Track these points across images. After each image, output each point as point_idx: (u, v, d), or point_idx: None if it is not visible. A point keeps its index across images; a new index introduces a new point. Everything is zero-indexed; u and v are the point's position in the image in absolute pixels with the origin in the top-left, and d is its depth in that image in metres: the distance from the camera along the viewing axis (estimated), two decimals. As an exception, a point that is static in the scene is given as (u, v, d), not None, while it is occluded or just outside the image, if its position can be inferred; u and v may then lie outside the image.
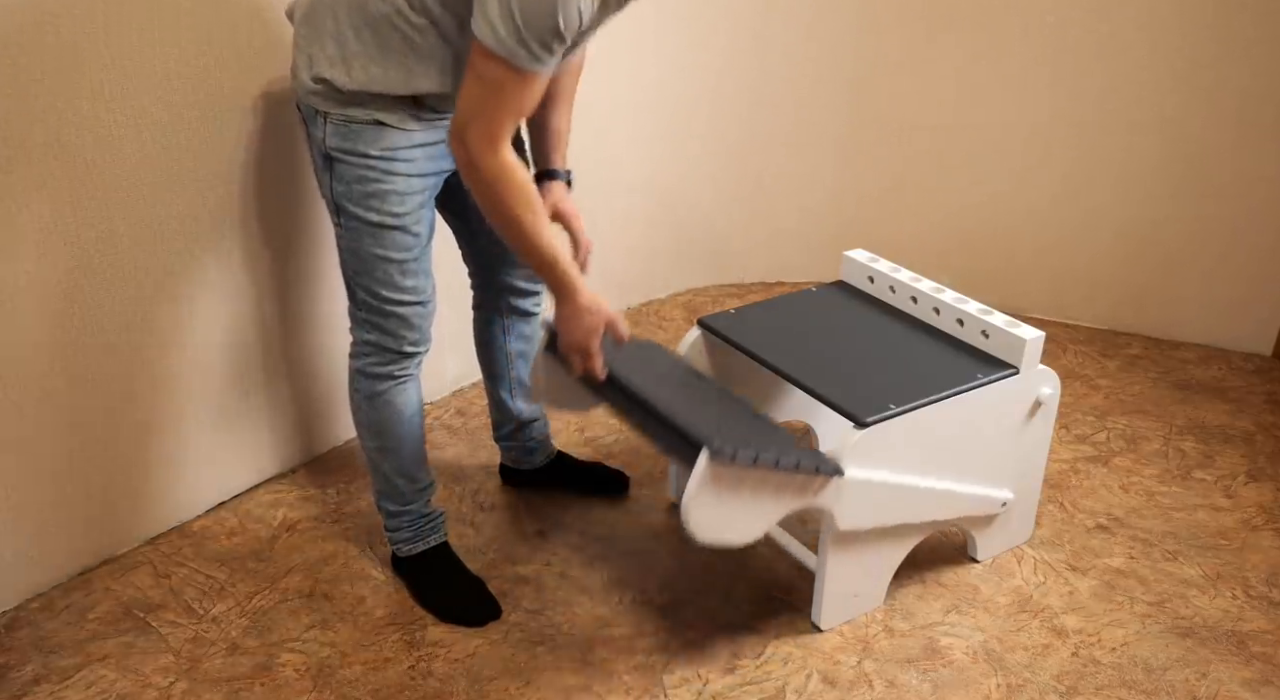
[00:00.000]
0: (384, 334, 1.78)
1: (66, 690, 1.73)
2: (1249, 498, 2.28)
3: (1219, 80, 2.68)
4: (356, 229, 1.69)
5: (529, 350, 2.08)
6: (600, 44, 2.74)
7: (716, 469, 1.58)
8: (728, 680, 1.79)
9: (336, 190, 1.69)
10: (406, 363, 1.82)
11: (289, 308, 2.17)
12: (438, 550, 1.97)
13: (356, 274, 1.74)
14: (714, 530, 1.65)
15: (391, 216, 1.68)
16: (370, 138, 1.64)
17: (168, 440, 2.04)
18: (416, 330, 1.79)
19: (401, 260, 1.72)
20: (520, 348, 2.07)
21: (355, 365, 1.83)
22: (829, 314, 2.08)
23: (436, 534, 1.97)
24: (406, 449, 1.88)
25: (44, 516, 1.89)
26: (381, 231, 1.69)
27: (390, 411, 1.83)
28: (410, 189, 1.68)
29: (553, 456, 2.23)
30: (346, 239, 1.72)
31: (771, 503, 1.67)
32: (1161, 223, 2.85)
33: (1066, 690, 1.77)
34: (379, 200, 1.67)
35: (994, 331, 1.90)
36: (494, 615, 1.90)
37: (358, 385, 1.83)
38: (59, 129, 1.71)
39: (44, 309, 1.78)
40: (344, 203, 1.68)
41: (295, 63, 1.67)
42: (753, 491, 1.64)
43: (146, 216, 1.87)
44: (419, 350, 1.82)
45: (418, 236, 1.73)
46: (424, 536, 1.95)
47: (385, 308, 1.75)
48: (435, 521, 1.97)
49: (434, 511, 1.97)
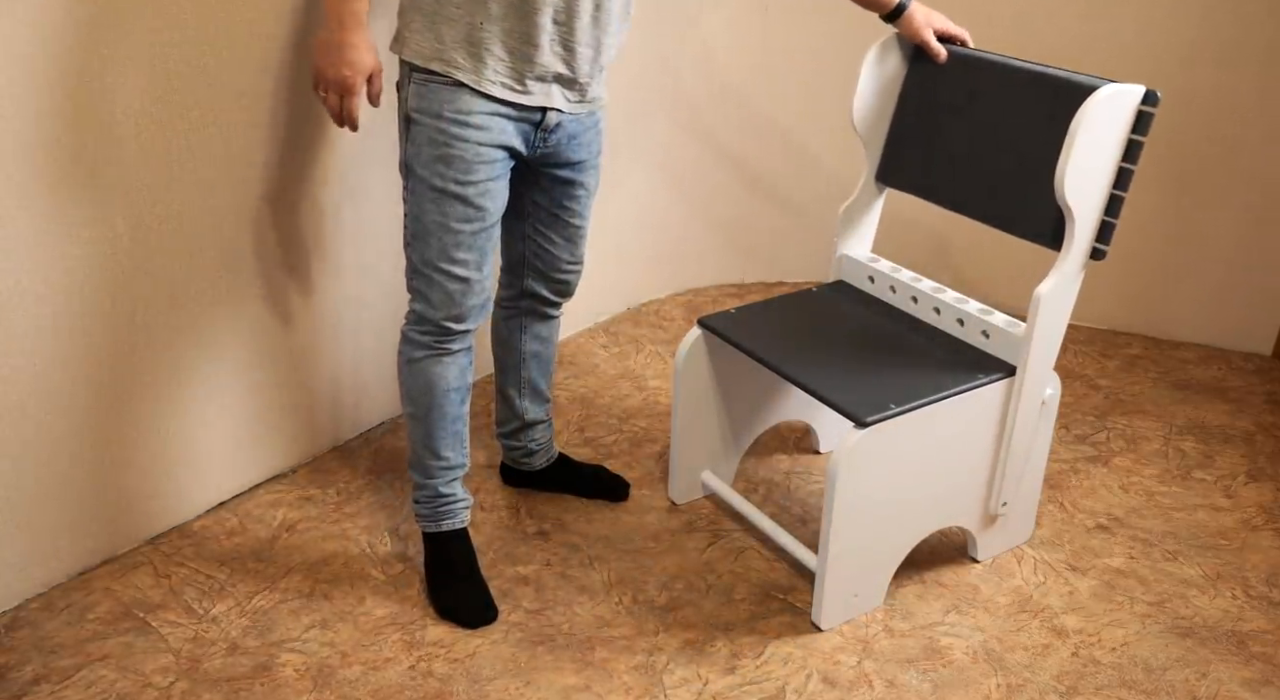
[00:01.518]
0: (427, 303, 1.79)
1: (66, 690, 1.73)
2: (1249, 498, 2.28)
3: (1219, 79, 2.68)
4: (420, 193, 1.71)
5: (543, 352, 2.11)
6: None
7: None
8: (728, 680, 1.79)
9: (409, 152, 1.71)
10: (445, 338, 1.82)
11: (288, 307, 2.17)
12: (452, 537, 1.95)
13: (414, 238, 1.75)
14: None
15: (455, 183, 1.69)
16: (446, 97, 1.66)
17: (167, 440, 2.04)
18: (458, 306, 1.79)
19: (458, 231, 1.73)
20: (535, 348, 2.10)
21: (403, 328, 1.86)
22: (829, 314, 2.08)
23: (452, 520, 1.95)
24: (435, 423, 1.88)
25: (44, 516, 1.89)
26: (444, 198, 1.70)
27: (423, 381, 1.85)
28: (479, 158, 1.69)
29: (554, 459, 2.23)
30: (410, 203, 1.74)
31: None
32: (1161, 223, 2.85)
33: (1066, 690, 1.77)
34: (445, 165, 1.68)
35: (994, 331, 1.90)
36: (487, 620, 1.89)
37: (401, 347, 1.86)
38: (60, 129, 1.71)
39: (44, 309, 1.78)
40: (413, 164, 1.71)
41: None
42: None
43: (146, 217, 1.87)
44: (458, 328, 1.81)
45: (480, 210, 1.73)
46: (439, 519, 1.94)
47: (433, 277, 1.76)
48: (453, 505, 1.94)
49: (454, 494, 1.94)
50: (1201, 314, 2.90)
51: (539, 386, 2.14)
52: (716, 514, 2.20)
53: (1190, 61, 2.68)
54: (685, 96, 2.89)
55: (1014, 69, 1.88)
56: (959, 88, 1.96)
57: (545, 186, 1.90)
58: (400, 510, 2.18)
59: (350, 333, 2.32)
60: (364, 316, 2.33)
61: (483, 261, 1.78)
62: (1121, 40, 2.70)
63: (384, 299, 2.35)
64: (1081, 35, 2.73)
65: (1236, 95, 2.67)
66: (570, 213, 1.93)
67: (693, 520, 2.18)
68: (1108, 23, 2.70)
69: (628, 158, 2.82)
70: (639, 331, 2.93)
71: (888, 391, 1.80)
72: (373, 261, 2.30)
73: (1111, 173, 1.75)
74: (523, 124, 1.73)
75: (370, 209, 2.25)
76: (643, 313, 3.03)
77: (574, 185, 1.90)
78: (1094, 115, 1.67)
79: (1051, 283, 1.79)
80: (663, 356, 2.80)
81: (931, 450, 1.84)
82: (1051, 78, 1.81)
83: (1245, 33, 2.62)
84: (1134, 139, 1.73)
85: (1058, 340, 1.86)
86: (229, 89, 1.90)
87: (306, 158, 2.09)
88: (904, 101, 2.07)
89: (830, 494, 1.77)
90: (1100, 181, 1.74)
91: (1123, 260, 2.90)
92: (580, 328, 2.92)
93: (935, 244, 3.07)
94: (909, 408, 1.76)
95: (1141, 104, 1.71)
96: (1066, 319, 1.85)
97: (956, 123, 1.97)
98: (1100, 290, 2.94)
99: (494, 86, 1.67)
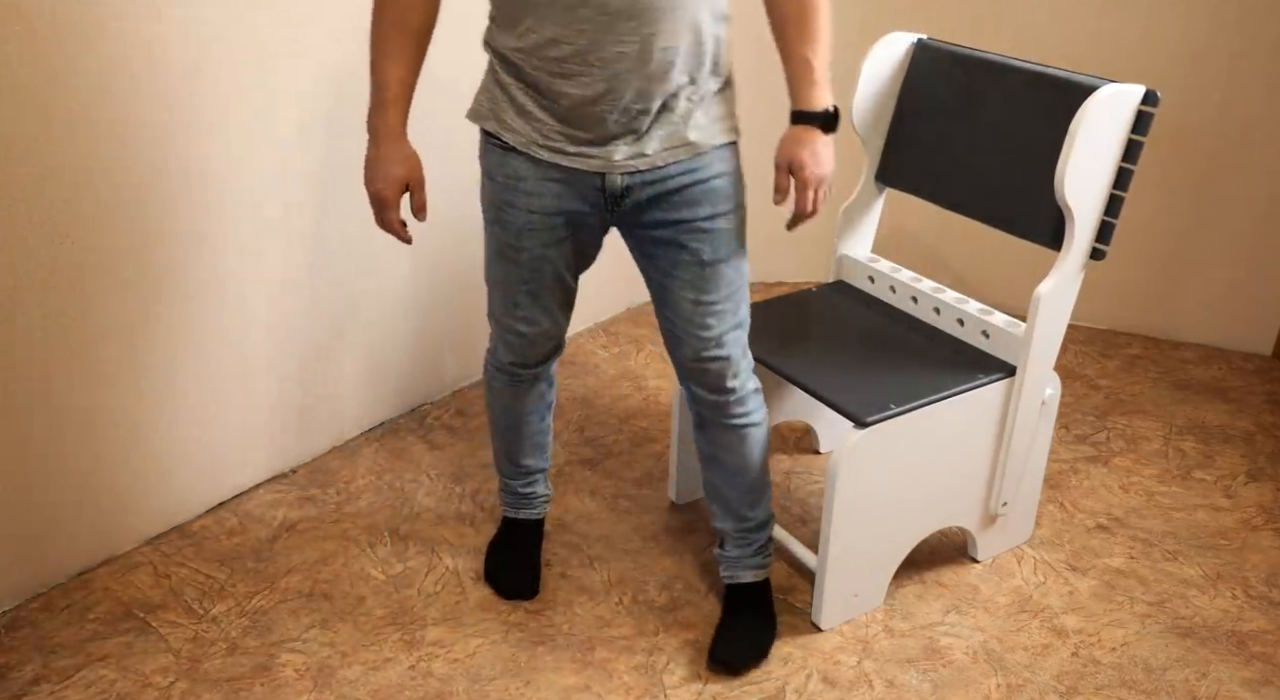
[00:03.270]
0: (499, 346, 1.79)
1: (66, 690, 1.73)
2: (1249, 498, 2.28)
3: (1219, 78, 2.68)
4: (487, 247, 1.70)
5: (720, 458, 1.78)
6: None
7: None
8: (728, 680, 1.78)
9: (481, 206, 1.68)
10: (518, 375, 1.82)
11: (288, 307, 2.17)
12: (524, 523, 2.03)
13: (486, 283, 1.74)
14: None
15: (509, 247, 1.63)
16: (497, 160, 1.58)
17: (167, 440, 2.04)
18: (522, 356, 1.77)
19: (518, 289, 1.67)
20: (708, 452, 1.79)
21: (486, 352, 1.87)
22: (829, 314, 2.08)
23: (530, 511, 2.02)
24: (515, 438, 1.92)
25: (44, 516, 1.89)
26: (501, 258, 1.66)
27: (503, 403, 1.88)
28: (529, 225, 1.59)
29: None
30: (485, 251, 1.73)
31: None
32: (1161, 223, 2.85)
33: (1066, 690, 1.77)
34: (500, 227, 1.63)
35: (994, 331, 1.90)
36: (520, 594, 1.95)
37: (484, 368, 1.88)
38: (59, 129, 1.71)
39: (44, 308, 1.78)
40: (484, 218, 1.68)
41: None
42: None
43: (145, 218, 1.87)
44: (518, 372, 1.81)
45: (537, 272, 1.64)
46: (519, 509, 2.02)
47: (498, 327, 1.76)
48: (532, 501, 2.01)
49: (533, 493, 2.01)
50: (1201, 314, 2.90)
51: (723, 497, 1.83)
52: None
53: (1192, 62, 2.67)
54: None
55: (1014, 69, 1.88)
56: (959, 88, 1.96)
57: (649, 252, 1.64)
58: (400, 510, 2.18)
59: (350, 333, 2.32)
60: (364, 317, 2.33)
61: (547, 313, 1.70)
62: (1123, 40, 2.70)
63: (384, 299, 2.35)
64: (1084, 35, 2.73)
65: (1238, 95, 2.67)
66: (681, 283, 1.61)
67: (693, 520, 2.18)
68: (1110, 22, 2.70)
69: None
70: (639, 331, 2.93)
71: (888, 391, 1.80)
72: (372, 264, 2.30)
73: (1111, 173, 1.75)
74: (584, 188, 1.55)
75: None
76: (643, 313, 3.03)
77: (679, 250, 1.59)
78: (1094, 115, 1.67)
79: (1051, 283, 1.79)
80: (663, 356, 2.80)
81: (931, 450, 1.84)
82: (1051, 78, 1.81)
83: (1246, 33, 2.62)
84: (1134, 139, 1.73)
85: (1058, 340, 1.86)
86: (232, 88, 1.90)
87: (311, 160, 2.09)
88: (904, 101, 2.06)
89: (830, 494, 1.77)
90: (1100, 182, 1.74)
91: (1123, 260, 2.89)
92: (580, 328, 2.92)
93: (935, 244, 3.07)
94: (909, 408, 1.76)
95: (1141, 104, 1.71)
96: (1067, 319, 1.85)
97: (956, 123, 1.97)
98: (1100, 290, 2.94)
99: (541, 150, 1.53)
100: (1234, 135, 2.70)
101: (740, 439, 1.75)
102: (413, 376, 2.51)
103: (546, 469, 2.01)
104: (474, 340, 2.61)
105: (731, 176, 1.61)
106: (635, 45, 1.42)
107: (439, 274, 2.46)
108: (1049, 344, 1.86)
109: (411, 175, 1.60)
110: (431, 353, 2.53)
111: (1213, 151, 2.74)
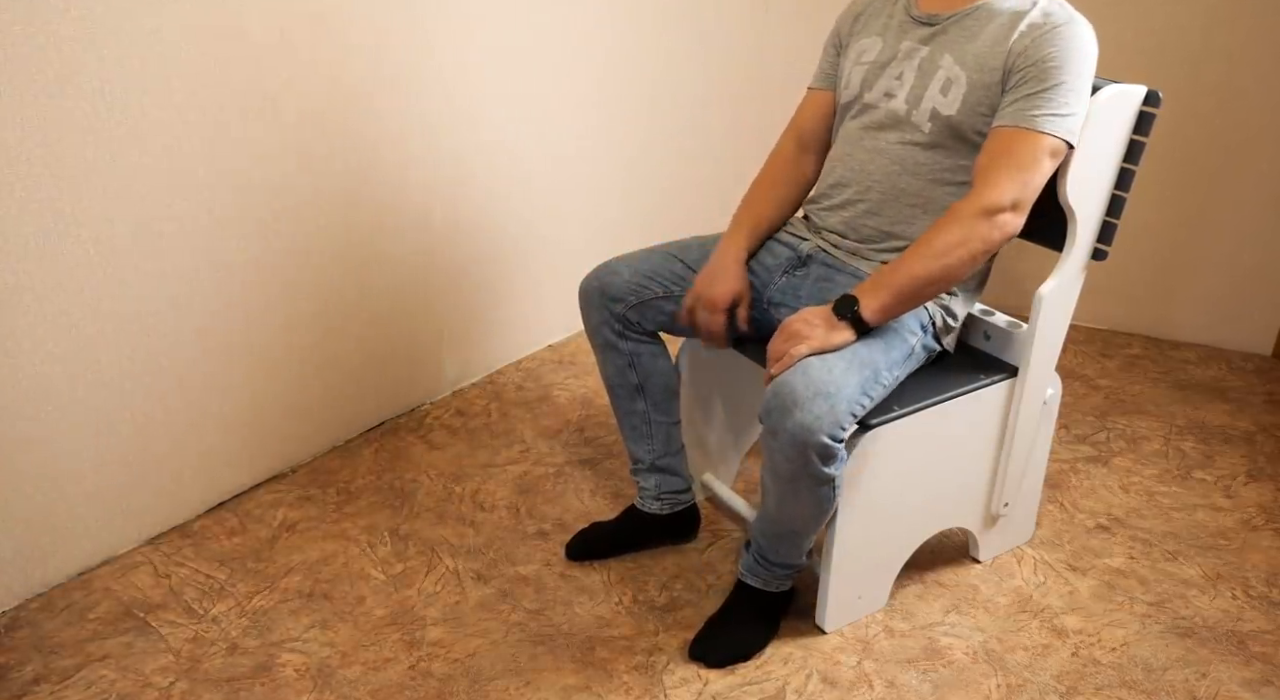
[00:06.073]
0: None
1: (66, 690, 1.73)
2: (1249, 498, 2.29)
3: (1219, 78, 2.68)
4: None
5: (761, 479, 1.70)
6: (592, 45, 2.75)
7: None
8: (728, 680, 1.78)
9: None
10: (602, 326, 1.90)
11: (287, 307, 2.17)
12: (631, 509, 2.08)
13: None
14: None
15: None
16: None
17: (167, 439, 2.04)
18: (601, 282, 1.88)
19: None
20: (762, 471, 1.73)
21: None
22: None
23: (640, 497, 2.07)
24: (614, 411, 2.00)
25: (43, 516, 1.89)
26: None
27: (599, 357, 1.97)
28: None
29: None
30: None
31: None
32: (1162, 223, 2.85)
33: (1066, 690, 1.77)
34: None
35: (995, 332, 1.90)
36: (573, 554, 2.04)
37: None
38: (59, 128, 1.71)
39: (44, 308, 1.78)
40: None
41: None
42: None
43: (146, 217, 1.86)
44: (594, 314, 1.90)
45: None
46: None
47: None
48: (639, 488, 2.06)
49: (636, 481, 2.05)
50: (1201, 314, 2.90)
51: (756, 520, 1.81)
52: (716, 514, 2.20)
53: (1193, 62, 2.68)
54: (684, 96, 2.88)
55: None
56: None
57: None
58: (400, 510, 2.18)
59: (350, 333, 2.31)
60: (364, 317, 2.33)
61: (663, 268, 1.88)
62: (1124, 40, 2.70)
63: (384, 298, 2.35)
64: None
65: (1240, 96, 2.67)
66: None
67: (693, 520, 2.18)
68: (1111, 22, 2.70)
69: (623, 158, 2.82)
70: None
71: (889, 393, 1.79)
72: (372, 264, 2.30)
73: (1113, 173, 1.75)
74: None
75: (372, 210, 2.25)
76: (642, 312, 3.02)
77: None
78: (1095, 116, 1.67)
79: (1053, 283, 1.79)
80: (663, 356, 2.80)
81: (934, 452, 1.84)
82: None
83: (1247, 33, 2.62)
84: (1136, 140, 1.73)
85: (1059, 341, 1.86)
86: (232, 89, 1.90)
87: (315, 160, 2.08)
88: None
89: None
90: (1102, 182, 1.74)
91: (1123, 260, 2.90)
92: (580, 328, 2.92)
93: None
94: (910, 409, 1.76)
95: (1143, 105, 1.71)
96: (1068, 320, 1.85)
97: None
98: (1100, 290, 2.94)
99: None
100: (1234, 135, 2.71)
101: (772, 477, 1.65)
102: (412, 376, 2.51)
103: (644, 462, 2.01)
104: (473, 340, 2.61)
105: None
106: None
107: (438, 274, 2.45)
108: (1050, 345, 1.86)
109: (737, 290, 1.80)
110: (431, 353, 2.53)
111: (1213, 152, 2.74)
